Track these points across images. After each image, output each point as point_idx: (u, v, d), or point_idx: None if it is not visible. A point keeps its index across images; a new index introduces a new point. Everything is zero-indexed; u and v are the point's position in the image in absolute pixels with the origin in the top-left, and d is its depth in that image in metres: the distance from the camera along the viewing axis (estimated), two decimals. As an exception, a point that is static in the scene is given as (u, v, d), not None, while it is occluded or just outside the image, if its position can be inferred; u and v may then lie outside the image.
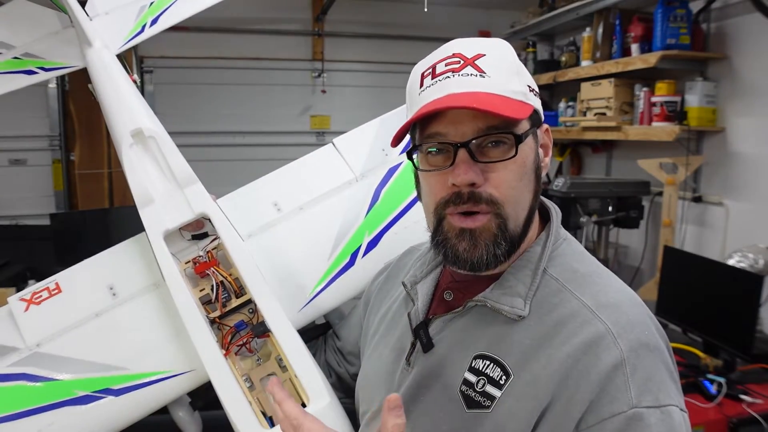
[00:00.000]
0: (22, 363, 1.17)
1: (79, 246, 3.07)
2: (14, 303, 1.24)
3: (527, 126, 0.74)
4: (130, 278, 1.27)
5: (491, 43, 0.76)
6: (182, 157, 1.34)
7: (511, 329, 0.74)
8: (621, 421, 0.65)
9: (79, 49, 1.58)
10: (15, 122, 3.92)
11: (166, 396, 1.17)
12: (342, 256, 1.29)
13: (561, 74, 3.61)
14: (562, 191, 2.87)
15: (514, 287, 0.75)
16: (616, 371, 0.66)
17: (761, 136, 2.65)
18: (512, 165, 0.73)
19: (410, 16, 4.43)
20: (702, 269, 2.33)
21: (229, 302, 1.19)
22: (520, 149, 0.72)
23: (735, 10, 2.74)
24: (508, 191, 0.73)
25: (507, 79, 0.73)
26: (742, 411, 1.88)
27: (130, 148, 1.33)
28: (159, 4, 1.66)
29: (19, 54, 1.63)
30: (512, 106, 0.71)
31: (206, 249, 1.26)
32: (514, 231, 0.74)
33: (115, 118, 1.41)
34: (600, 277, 0.77)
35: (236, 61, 4.33)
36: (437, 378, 0.78)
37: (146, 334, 1.22)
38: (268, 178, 1.41)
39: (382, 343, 0.92)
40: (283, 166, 1.42)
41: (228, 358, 1.12)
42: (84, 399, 1.13)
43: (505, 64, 0.75)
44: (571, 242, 0.82)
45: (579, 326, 0.70)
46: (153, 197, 1.28)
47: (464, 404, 0.74)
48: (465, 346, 0.77)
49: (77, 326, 1.22)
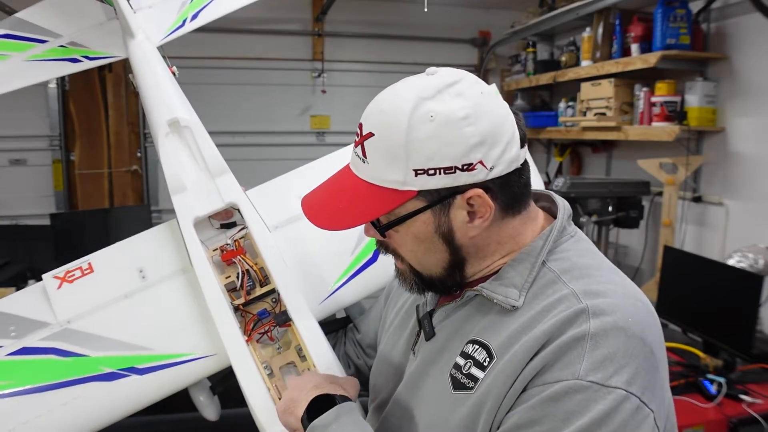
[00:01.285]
0: (53, 338, 1.22)
1: (79, 246, 3.07)
2: (48, 280, 1.29)
3: (419, 204, 0.74)
4: (160, 262, 1.32)
5: (394, 121, 0.72)
6: (215, 148, 1.39)
7: (504, 318, 0.76)
8: (561, 387, 0.66)
9: (122, 41, 1.64)
10: (15, 122, 3.92)
11: (189, 378, 1.22)
12: (365, 251, 1.33)
13: (561, 74, 3.62)
14: (562, 191, 2.87)
15: (511, 278, 0.77)
16: (576, 343, 0.68)
17: (761, 136, 2.65)
18: (404, 237, 0.78)
19: (410, 16, 4.42)
20: (702, 269, 2.33)
21: (253, 290, 1.23)
22: (407, 225, 0.76)
23: (735, 10, 2.74)
24: (407, 253, 0.80)
25: (384, 167, 0.74)
26: (742, 411, 1.88)
27: (166, 137, 1.39)
28: (200, 0, 1.73)
29: (66, 43, 1.70)
30: (371, 202, 0.75)
31: (234, 238, 1.30)
32: (429, 278, 0.81)
33: (153, 107, 1.46)
34: (599, 270, 0.77)
35: (236, 61, 4.33)
36: (435, 364, 0.82)
37: (172, 317, 1.27)
38: (296, 173, 1.45)
39: (396, 335, 0.96)
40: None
41: (249, 344, 1.16)
42: (110, 376, 1.18)
43: (390, 149, 0.72)
44: (579, 239, 0.82)
45: (562, 310, 0.71)
46: (185, 185, 1.33)
47: (451, 386, 0.77)
48: (462, 333, 0.80)
49: (107, 306, 1.27)
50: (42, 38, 1.69)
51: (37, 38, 1.69)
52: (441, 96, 0.72)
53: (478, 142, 0.70)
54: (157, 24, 1.68)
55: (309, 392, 0.86)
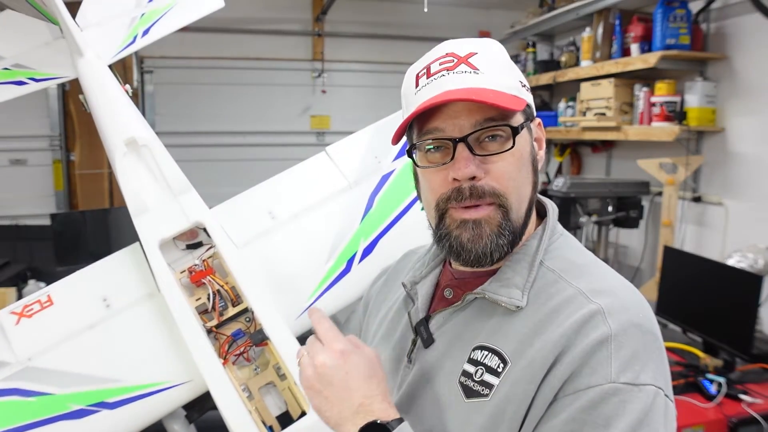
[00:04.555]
0: (14, 378, 1.15)
1: (79, 246, 3.07)
2: (4, 316, 1.22)
3: (522, 119, 0.77)
4: (124, 289, 1.26)
5: (482, 42, 0.79)
6: (176, 165, 1.34)
7: (510, 320, 0.75)
8: (597, 393, 0.65)
9: (70, 60, 1.59)
10: (15, 122, 3.92)
11: (163, 408, 1.16)
12: (338, 263, 1.30)
13: (561, 74, 3.62)
14: (562, 191, 2.87)
15: (511, 279, 0.76)
16: (601, 346, 0.67)
17: (761, 136, 2.65)
18: (510, 157, 0.74)
19: (410, 16, 4.43)
20: (702, 269, 2.33)
21: (225, 311, 1.19)
22: (517, 141, 0.74)
23: (735, 10, 2.74)
24: (509, 182, 0.74)
25: (500, 75, 0.75)
26: (742, 411, 1.88)
27: (124, 157, 1.34)
28: (150, 15, 1.68)
29: (9, 65, 1.64)
30: (506, 99, 0.73)
31: (202, 258, 1.26)
32: (516, 222, 0.76)
33: (107, 127, 1.42)
34: (596, 267, 0.78)
35: (236, 61, 4.34)
36: (438, 371, 0.79)
37: (141, 345, 1.20)
38: (262, 187, 1.41)
39: (383, 345, 0.92)
40: (276, 174, 1.43)
41: (226, 367, 1.11)
42: (79, 413, 1.12)
43: (497, 60, 0.77)
44: (567, 238, 0.83)
45: (574, 310, 0.71)
46: (147, 206, 1.28)
47: (463, 395, 0.74)
48: (465, 338, 0.78)
49: (70, 338, 1.20)
50: None
51: None
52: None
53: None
54: (107, 41, 1.63)
55: (357, 415, 0.72)
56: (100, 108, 1.47)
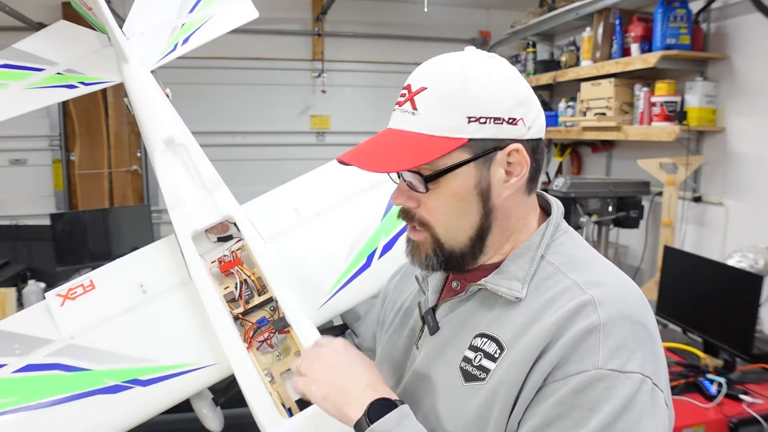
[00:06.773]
0: (57, 354, 1.25)
1: (78, 246, 3.07)
2: (51, 298, 1.32)
3: (465, 155, 0.76)
4: (160, 276, 1.36)
5: (444, 72, 0.78)
6: (210, 163, 1.45)
7: (510, 310, 0.79)
8: (583, 378, 0.69)
9: (116, 66, 1.72)
10: (15, 122, 3.87)
11: (192, 387, 1.25)
12: (359, 257, 1.38)
13: (561, 74, 3.62)
14: (562, 191, 2.87)
15: (513, 272, 0.80)
16: (589, 334, 0.70)
17: (761, 136, 2.65)
18: (442, 195, 0.78)
19: (410, 16, 4.43)
20: (702, 269, 2.33)
21: (251, 299, 1.28)
22: (445, 180, 0.77)
23: (735, 10, 2.74)
24: (439, 216, 0.80)
25: (437, 116, 0.76)
26: (742, 411, 1.88)
27: (162, 155, 1.45)
28: (189, 25, 1.84)
29: (62, 70, 1.78)
30: (419, 149, 0.75)
31: (231, 249, 1.36)
32: (452, 248, 0.82)
33: (148, 127, 1.54)
34: (595, 261, 0.82)
35: (236, 61, 4.34)
36: (441, 358, 0.84)
37: (173, 329, 1.30)
38: (288, 186, 1.51)
39: (396, 335, 0.98)
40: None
41: (250, 352, 1.20)
42: (114, 388, 1.21)
43: (445, 97, 0.76)
44: (572, 235, 0.87)
45: (567, 300, 0.74)
46: (183, 200, 1.39)
47: (462, 378, 0.79)
48: (467, 327, 0.82)
49: (109, 320, 1.30)
50: (39, 67, 1.77)
51: (34, 67, 1.77)
52: (490, 60, 0.79)
53: (522, 100, 0.78)
54: (149, 49, 1.77)
55: (364, 392, 0.79)
56: (142, 109, 1.58)
